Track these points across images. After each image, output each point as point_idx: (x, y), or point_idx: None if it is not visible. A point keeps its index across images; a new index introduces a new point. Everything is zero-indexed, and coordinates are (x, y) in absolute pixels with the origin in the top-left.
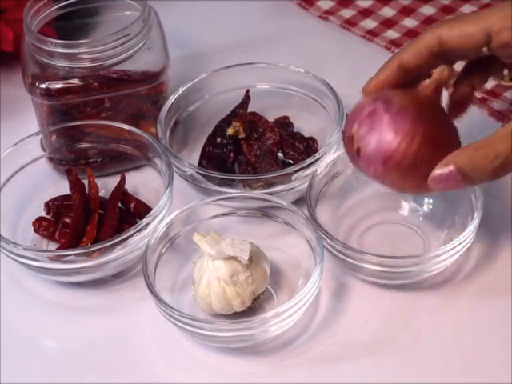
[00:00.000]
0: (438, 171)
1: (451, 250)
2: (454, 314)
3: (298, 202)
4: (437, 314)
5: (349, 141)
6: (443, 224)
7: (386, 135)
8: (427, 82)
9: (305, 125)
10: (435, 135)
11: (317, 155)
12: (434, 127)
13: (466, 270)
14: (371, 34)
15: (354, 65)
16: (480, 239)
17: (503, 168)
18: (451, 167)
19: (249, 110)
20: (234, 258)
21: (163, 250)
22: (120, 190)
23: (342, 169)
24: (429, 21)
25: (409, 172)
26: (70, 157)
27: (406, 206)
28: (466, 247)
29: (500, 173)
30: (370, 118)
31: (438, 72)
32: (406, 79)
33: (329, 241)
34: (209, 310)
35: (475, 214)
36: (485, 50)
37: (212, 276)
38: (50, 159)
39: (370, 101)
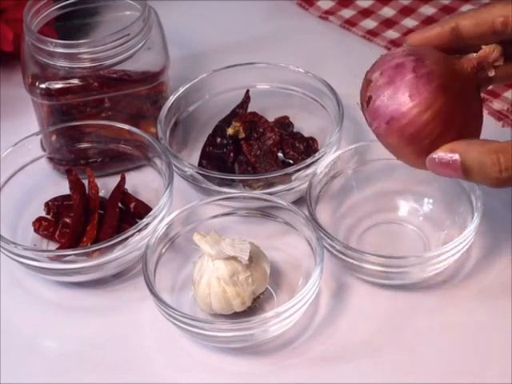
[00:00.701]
0: (441, 154)
1: (451, 250)
2: (454, 314)
3: (298, 202)
4: (437, 313)
5: (366, 84)
6: (443, 224)
7: (400, 94)
8: (471, 55)
9: (305, 125)
10: (453, 113)
11: (317, 155)
12: (456, 104)
13: (466, 269)
14: (371, 34)
15: (353, 65)
16: (480, 239)
17: (508, 181)
18: (456, 156)
19: (249, 110)
20: (234, 258)
21: (163, 250)
22: (120, 190)
23: (342, 169)
24: (429, 21)
25: (410, 141)
26: (70, 157)
27: (405, 206)
28: (466, 247)
29: (503, 184)
30: (394, 71)
31: (487, 50)
32: (456, 45)
33: (329, 241)
34: (209, 310)
35: (475, 214)
36: None
37: (212, 276)
38: (50, 159)
39: (404, 52)
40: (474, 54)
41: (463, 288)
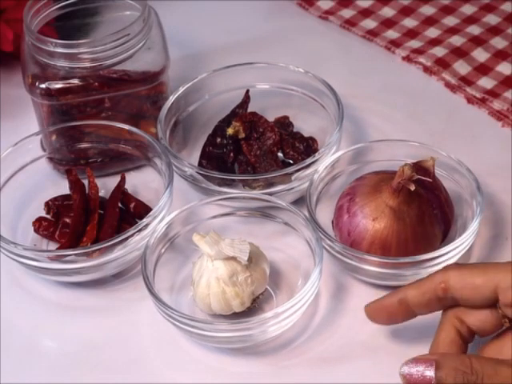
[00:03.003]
0: (413, 369)
1: (451, 251)
2: None
3: (298, 202)
4: (437, 313)
5: None
6: None
7: (344, 233)
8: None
9: (305, 125)
10: (388, 235)
11: (317, 155)
12: (388, 227)
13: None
14: (371, 34)
15: (354, 65)
16: (480, 240)
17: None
18: (432, 373)
19: (249, 110)
20: (234, 259)
21: (162, 250)
22: (120, 190)
23: (343, 169)
24: (429, 21)
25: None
26: (70, 157)
27: None
28: (466, 249)
29: None
30: (338, 214)
31: (401, 170)
32: (407, 314)
33: (328, 242)
34: (208, 310)
35: (476, 216)
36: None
37: (211, 276)
38: (50, 159)
39: (345, 193)
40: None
41: None
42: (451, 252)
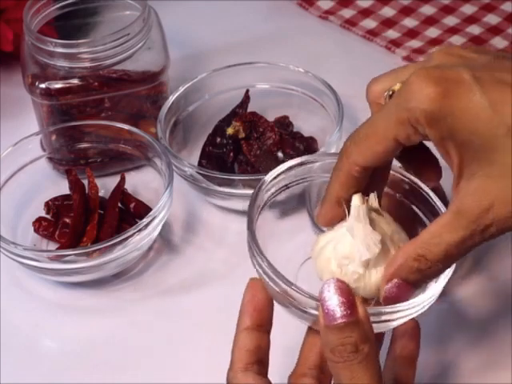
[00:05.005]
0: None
1: None
2: (456, 313)
3: (298, 201)
4: (440, 314)
5: None
6: None
7: None
8: None
9: (305, 125)
10: None
11: None
12: None
13: (466, 268)
14: (371, 34)
15: (354, 65)
16: None
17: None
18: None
19: (249, 109)
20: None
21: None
22: (120, 190)
23: None
24: (429, 21)
25: None
26: (70, 157)
27: None
28: None
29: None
30: None
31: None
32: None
33: None
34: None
35: None
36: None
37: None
38: (50, 159)
39: None
40: None
41: (463, 287)
42: None
